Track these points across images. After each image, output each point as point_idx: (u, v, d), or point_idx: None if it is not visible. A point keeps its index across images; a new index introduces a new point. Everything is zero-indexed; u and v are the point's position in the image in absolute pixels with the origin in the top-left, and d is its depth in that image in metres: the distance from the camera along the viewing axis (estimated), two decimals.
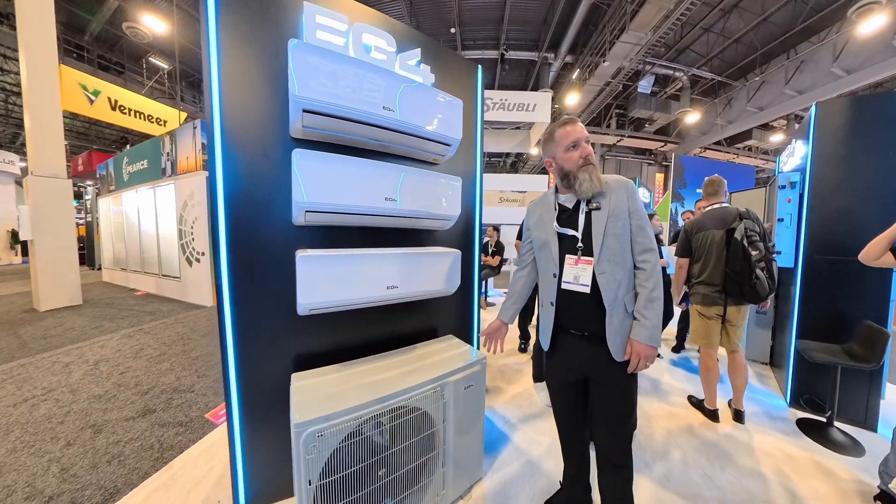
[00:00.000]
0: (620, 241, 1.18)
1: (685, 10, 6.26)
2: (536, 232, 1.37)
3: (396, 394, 1.26)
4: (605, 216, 1.19)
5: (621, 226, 1.18)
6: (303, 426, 1.06)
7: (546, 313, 1.33)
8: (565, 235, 1.26)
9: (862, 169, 2.24)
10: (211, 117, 1.28)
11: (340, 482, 1.12)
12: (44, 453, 1.95)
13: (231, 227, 1.34)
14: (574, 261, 1.24)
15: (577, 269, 1.23)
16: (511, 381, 2.82)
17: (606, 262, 1.17)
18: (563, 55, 9.73)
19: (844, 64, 7.44)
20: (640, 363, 1.15)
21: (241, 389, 1.40)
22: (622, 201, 1.19)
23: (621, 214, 1.18)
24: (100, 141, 13.86)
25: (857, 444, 2.02)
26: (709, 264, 2.20)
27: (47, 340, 4.03)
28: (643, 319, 1.15)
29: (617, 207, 1.19)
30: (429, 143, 1.57)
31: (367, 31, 1.49)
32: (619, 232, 1.18)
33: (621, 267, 1.18)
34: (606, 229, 1.18)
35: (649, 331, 1.14)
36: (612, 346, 1.17)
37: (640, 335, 1.14)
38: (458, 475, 1.52)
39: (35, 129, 5.26)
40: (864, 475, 1.78)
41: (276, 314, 1.45)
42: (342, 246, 1.55)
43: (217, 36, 1.27)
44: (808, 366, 2.34)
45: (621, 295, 1.17)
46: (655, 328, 1.14)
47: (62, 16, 8.59)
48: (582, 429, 1.41)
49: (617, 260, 1.17)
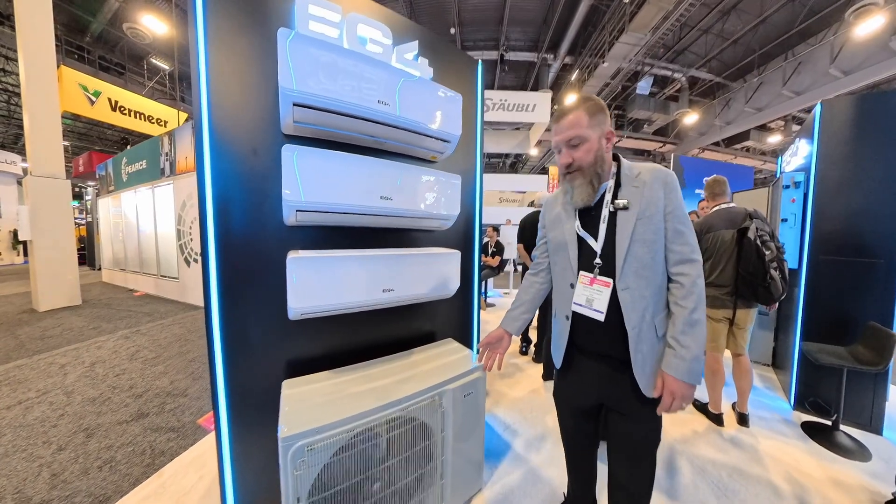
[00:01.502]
0: (652, 249, 0.93)
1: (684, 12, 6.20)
2: (552, 231, 1.14)
3: (392, 403, 1.18)
4: (634, 218, 0.94)
5: (654, 230, 0.93)
6: (291, 440, 0.98)
7: (560, 327, 1.10)
8: (586, 242, 1.03)
9: (868, 168, 2.17)
10: (199, 113, 1.20)
11: (331, 500, 1.05)
12: (35, 458, 1.89)
13: (219, 228, 1.26)
14: (589, 280, 0.99)
15: (592, 291, 0.98)
16: (512, 385, 2.74)
17: (632, 275, 0.93)
18: (563, 56, 9.66)
19: (842, 65, 7.37)
20: (675, 404, 0.90)
21: (230, 397, 1.32)
22: (657, 198, 0.94)
23: (655, 215, 0.93)
24: (101, 142, 13.77)
25: (863, 449, 1.96)
26: (718, 265, 2.13)
27: (45, 341, 3.95)
28: (679, 348, 0.90)
29: (650, 206, 0.93)
30: (427, 139, 1.48)
31: (362, 23, 1.41)
32: (651, 237, 0.93)
33: (651, 282, 0.94)
34: (634, 234, 0.93)
35: (688, 363, 0.88)
36: (641, 380, 0.94)
37: (677, 369, 0.89)
38: (456, 487, 1.44)
39: (34, 130, 5.20)
40: (874, 480, 1.72)
41: (267, 318, 1.37)
42: (336, 247, 1.47)
43: (205, 28, 1.19)
44: (813, 368, 2.28)
45: (650, 316, 0.94)
46: (696, 360, 0.89)
47: (63, 17, 8.51)
48: (592, 452, 1.24)
49: (646, 273, 0.93)
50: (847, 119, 2.24)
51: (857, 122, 2.21)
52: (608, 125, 0.98)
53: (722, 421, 2.20)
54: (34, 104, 5.18)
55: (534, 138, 8.15)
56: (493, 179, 7.70)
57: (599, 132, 0.96)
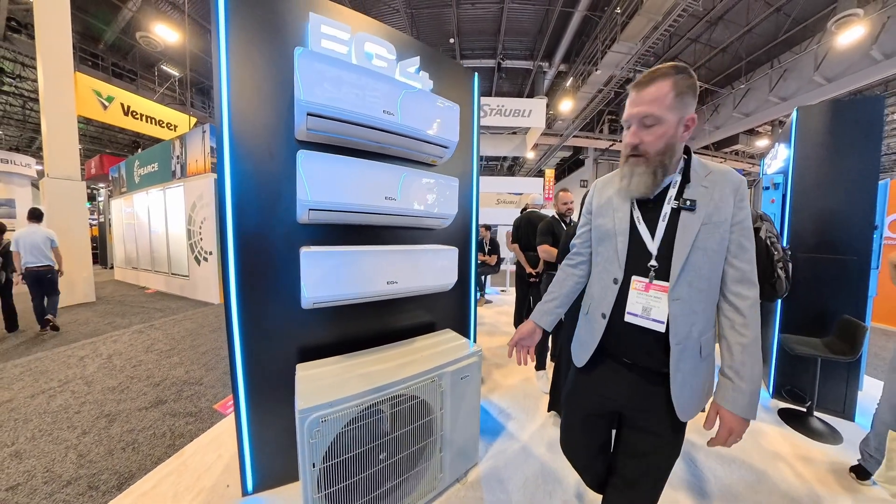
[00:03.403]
0: (712, 259, 0.81)
1: (673, 22, 6.29)
2: (600, 218, 0.97)
3: (395, 383, 1.28)
4: (699, 221, 0.81)
5: (718, 239, 0.80)
6: (307, 412, 1.07)
7: (594, 326, 0.94)
8: (639, 237, 0.88)
9: (842, 170, 2.25)
10: (220, 120, 1.29)
11: (342, 465, 1.14)
12: (61, 441, 1.97)
13: (238, 225, 1.35)
14: (644, 285, 0.85)
15: (649, 298, 0.84)
16: (507, 375, 2.83)
17: (686, 285, 0.81)
18: (557, 64, 9.77)
19: (826, 72, 7.48)
20: (731, 440, 0.80)
21: (248, 378, 1.41)
22: (726, 205, 0.81)
23: (722, 223, 0.80)
24: (112, 145, 13.86)
25: (835, 433, 2.04)
26: None
27: (62, 335, 4.03)
28: (738, 381, 0.79)
29: (718, 212, 0.81)
30: (427, 145, 1.58)
31: (369, 41, 1.50)
32: (715, 247, 0.80)
33: (705, 295, 0.82)
34: (697, 240, 0.80)
35: (747, 397, 0.78)
36: (679, 400, 0.83)
37: (735, 403, 0.79)
38: (454, 460, 1.53)
39: (51, 133, 5.29)
40: (842, 459, 1.81)
41: (281, 308, 1.46)
42: (344, 243, 1.57)
43: (227, 44, 1.29)
44: (790, 358, 2.36)
45: (697, 333, 0.82)
46: (755, 394, 0.79)
47: (78, 26, 8.60)
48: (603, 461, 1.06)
49: (701, 286, 0.81)
50: (822, 124, 2.32)
51: (832, 127, 2.29)
52: (692, 109, 0.81)
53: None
54: (51, 109, 5.26)
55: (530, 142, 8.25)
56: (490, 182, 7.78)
57: (679, 116, 0.79)
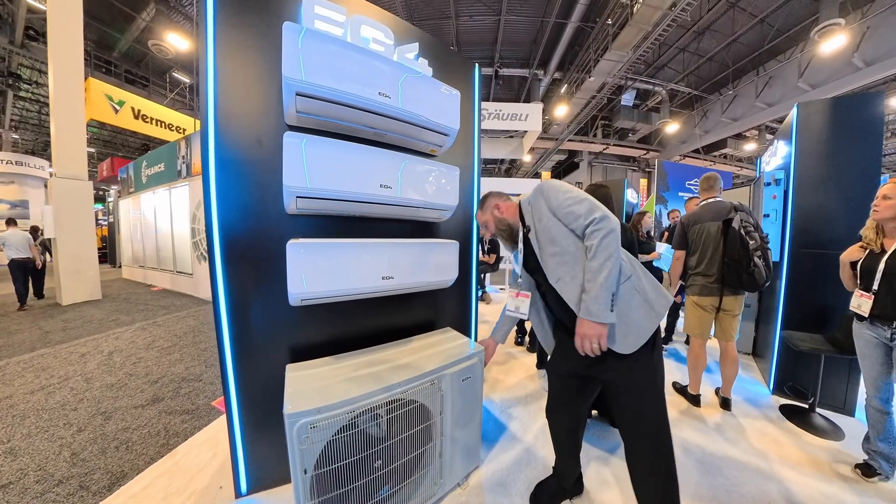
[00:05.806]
0: (558, 241, 1.03)
1: (662, 32, 6.22)
2: None
3: (392, 386, 1.13)
4: (535, 232, 1.10)
5: (552, 228, 1.05)
6: (295, 416, 0.93)
7: (539, 314, 1.31)
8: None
9: (842, 165, 2.14)
10: (205, 104, 1.15)
11: (335, 473, 0.99)
12: (56, 438, 1.85)
13: (223, 218, 1.21)
14: (515, 293, 1.25)
15: (518, 301, 1.24)
16: (508, 373, 2.68)
17: (558, 267, 1.04)
18: (552, 72, 9.70)
19: (809, 79, 7.39)
20: (584, 344, 0.96)
21: (239, 378, 1.27)
22: (541, 207, 1.08)
23: (545, 218, 1.06)
24: (124, 148, 13.71)
25: (837, 429, 1.93)
26: (706, 255, 2.09)
27: (67, 332, 3.89)
28: (585, 295, 0.96)
29: (541, 217, 1.07)
30: (426, 132, 1.44)
31: (365, 24, 1.37)
32: (554, 235, 1.04)
33: (578, 262, 1.01)
34: (540, 242, 1.08)
35: (586, 304, 0.94)
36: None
37: (581, 311, 0.97)
38: (455, 464, 1.38)
39: (59, 135, 5.19)
40: (844, 455, 1.70)
41: (270, 305, 1.32)
42: (336, 236, 1.42)
43: (214, 23, 1.15)
44: (792, 355, 2.24)
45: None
46: (595, 300, 0.93)
47: (93, 34, 8.48)
48: (576, 429, 1.28)
49: (566, 259, 1.02)
50: (822, 120, 2.20)
51: (832, 123, 2.18)
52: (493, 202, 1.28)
53: (699, 402, 2.17)
54: (61, 111, 5.15)
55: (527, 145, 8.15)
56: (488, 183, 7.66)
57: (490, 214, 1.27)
